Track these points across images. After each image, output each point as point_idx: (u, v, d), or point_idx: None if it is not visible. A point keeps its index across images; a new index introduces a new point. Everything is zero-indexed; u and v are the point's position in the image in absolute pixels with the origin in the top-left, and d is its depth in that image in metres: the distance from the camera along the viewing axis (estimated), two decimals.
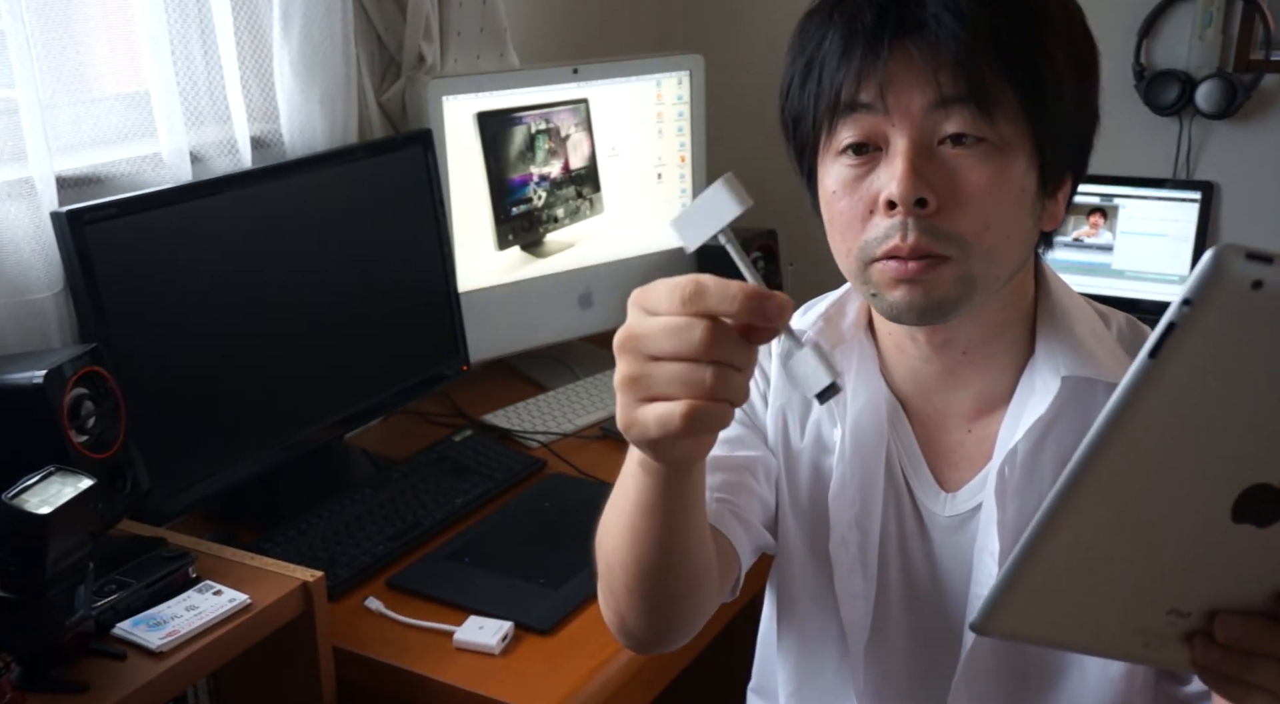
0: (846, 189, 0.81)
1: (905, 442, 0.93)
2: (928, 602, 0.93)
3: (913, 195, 0.77)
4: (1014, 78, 0.78)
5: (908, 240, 0.78)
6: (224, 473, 1.41)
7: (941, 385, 0.90)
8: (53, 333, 1.33)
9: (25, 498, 0.94)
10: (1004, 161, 0.79)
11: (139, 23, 1.41)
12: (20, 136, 1.29)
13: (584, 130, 1.93)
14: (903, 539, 0.93)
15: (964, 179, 0.78)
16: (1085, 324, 0.88)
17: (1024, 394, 0.87)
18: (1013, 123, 0.79)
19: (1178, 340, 0.47)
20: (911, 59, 0.78)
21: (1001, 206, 0.79)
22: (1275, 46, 2.00)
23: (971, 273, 0.80)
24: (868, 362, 0.93)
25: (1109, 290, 2.16)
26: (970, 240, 0.79)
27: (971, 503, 0.90)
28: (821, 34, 0.82)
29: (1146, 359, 0.48)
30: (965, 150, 0.78)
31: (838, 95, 0.80)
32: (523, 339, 1.94)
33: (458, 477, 1.58)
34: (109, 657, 1.03)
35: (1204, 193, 2.08)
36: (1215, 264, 0.46)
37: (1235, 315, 0.47)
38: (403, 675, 1.22)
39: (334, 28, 1.61)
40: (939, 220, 0.78)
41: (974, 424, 0.90)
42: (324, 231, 1.54)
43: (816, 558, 0.97)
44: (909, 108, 0.78)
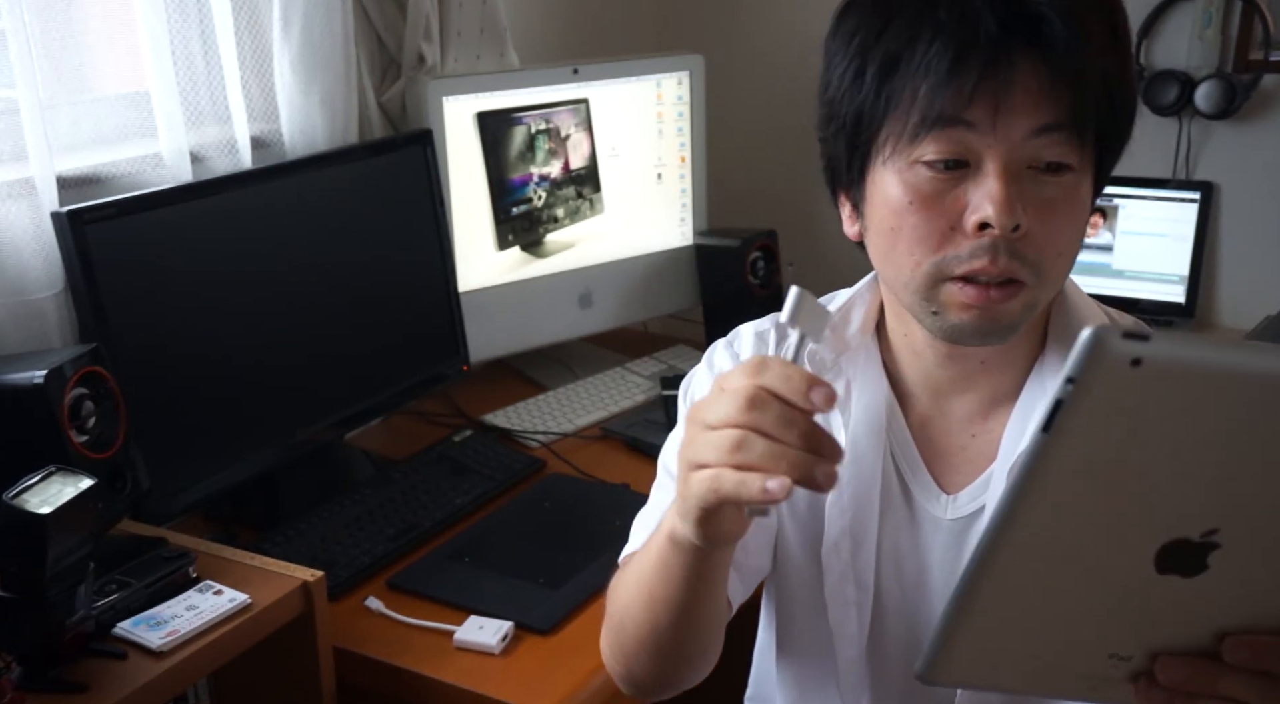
0: (926, 202, 0.77)
1: (904, 444, 0.92)
2: (927, 609, 0.92)
3: (1013, 221, 0.75)
4: (1109, 106, 0.76)
5: (998, 265, 0.76)
6: (224, 473, 1.41)
7: (952, 389, 0.89)
8: (53, 333, 1.33)
9: (25, 498, 0.94)
10: (1079, 188, 0.78)
11: (139, 23, 1.41)
12: (20, 136, 1.29)
13: (584, 130, 1.93)
14: (900, 544, 0.92)
15: (1053, 204, 0.77)
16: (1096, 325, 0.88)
17: (1032, 396, 0.86)
18: (1091, 149, 0.78)
19: (1066, 416, 0.49)
20: (1033, 78, 0.73)
21: (1074, 231, 0.79)
22: (1275, 47, 2.00)
23: (1038, 298, 0.80)
24: (872, 367, 0.92)
25: (1109, 290, 2.16)
26: (1045, 266, 0.78)
27: (973, 506, 0.88)
28: (916, 30, 0.75)
29: (1040, 433, 0.50)
30: (1056, 177, 0.76)
31: (939, 108, 0.74)
32: (523, 339, 1.94)
33: (458, 477, 1.59)
34: (109, 657, 1.03)
35: (1203, 193, 2.08)
36: (1093, 344, 0.48)
37: (1119, 391, 0.49)
38: (403, 675, 1.22)
39: (334, 28, 1.61)
40: (1024, 245, 0.76)
41: (979, 427, 0.89)
42: (324, 231, 1.54)
43: (812, 567, 0.96)
44: (1012, 131, 0.74)
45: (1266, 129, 2.05)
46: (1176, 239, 2.11)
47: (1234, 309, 2.13)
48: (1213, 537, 0.55)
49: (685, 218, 2.09)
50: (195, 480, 1.37)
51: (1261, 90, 2.02)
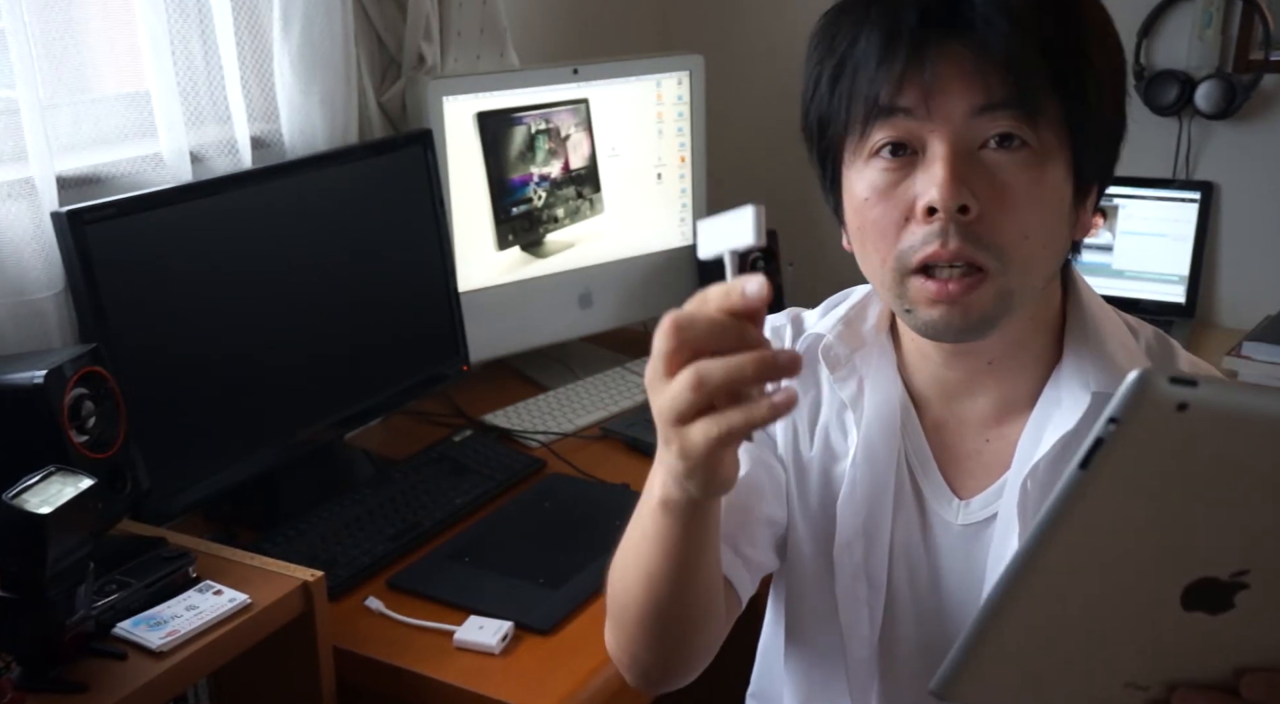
0: (881, 195, 0.79)
1: (918, 447, 0.91)
2: (939, 612, 0.91)
3: (955, 201, 0.75)
4: (1058, 83, 0.75)
5: (948, 247, 0.75)
6: (224, 473, 1.41)
7: (963, 392, 0.88)
8: (53, 333, 1.33)
9: (25, 498, 0.94)
10: (1044, 169, 0.77)
11: (139, 23, 1.41)
12: (20, 136, 1.29)
13: (584, 130, 1.93)
14: (912, 546, 0.91)
15: (1006, 185, 0.76)
16: (1116, 338, 0.85)
17: (1048, 405, 0.85)
18: (1053, 130, 0.77)
19: (1106, 454, 0.49)
20: (959, 61, 0.75)
21: (1041, 214, 0.77)
22: (1275, 46, 2.00)
23: (1009, 286, 0.78)
24: (886, 365, 0.91)
25: (1109, 290, 2.16)
26: (1009, 250, 0.76)
27: (986, 512, 0.87)
28: (856, 32, 0.78)
29: (1077, 469, 0.50)
30: (1008, 155, 0.76)
31: (875, 99, 0.77)
32: (523, 339, 1.94)
33: (458, 477, 1.59)
34: (109, 657, 1.03)
35: (1204, 193, 2.08)
36: (1140, 387, 0.48)
37: (1161, 435, 0.49)
38: (403, 675, 1.22)
39: (334, 28, 1.61)
40: (980, 228, 0.76)
41: (993, 432, 0.88)
42: (324, 232, 1.54)
43: (824, 565, 0.95)
44: (951, 112, 0.75)
45: (1267, 129, 2.05)
46: (1176, 239, 2.11)
47: (1234, 309, 2.13)
48: (1242, 577, 0.55)
49: (685, 218, 2.09)
50: (195, 480, 1.37)
51: (1262, 90, 2.02)
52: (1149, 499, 0.52)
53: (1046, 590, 0.56)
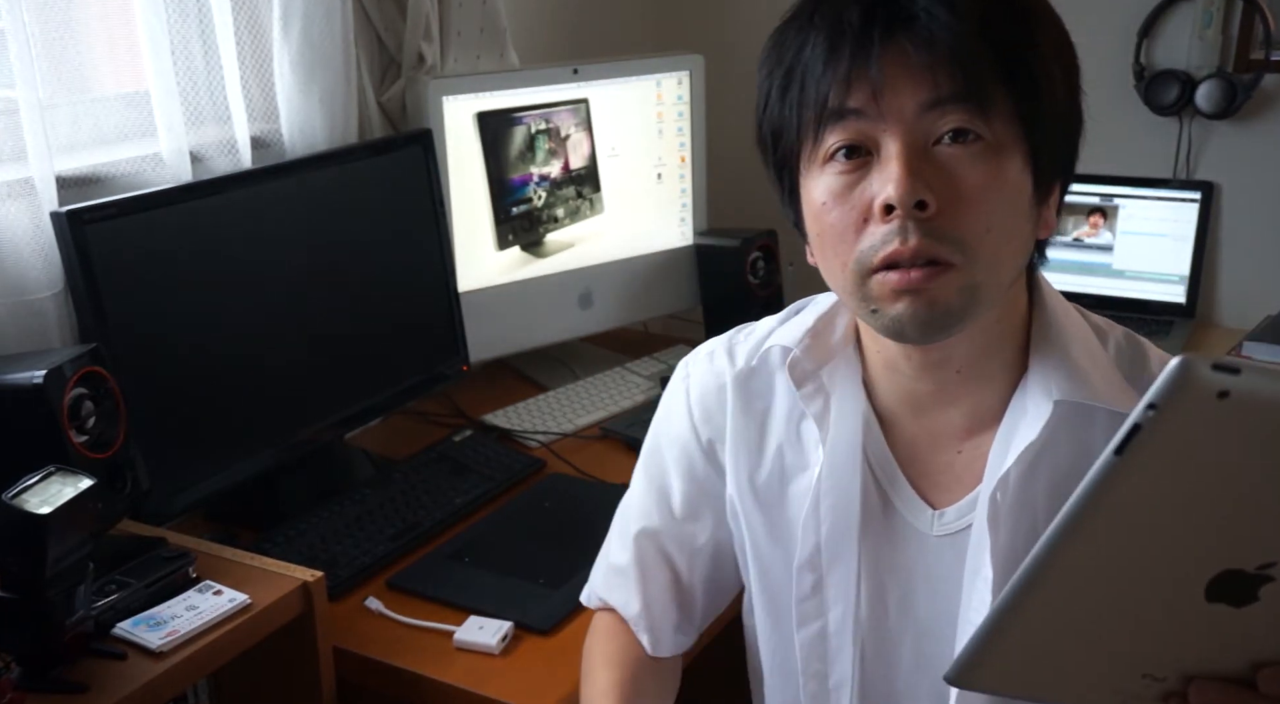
0: (837, 199, 0.78)
1: (883, 460, 0.89)
2: (913, 625, 0.90)
3: (912, 196, 0.73)
4: (1008, 76, 0.75)
5: (909, 244, 0.74)
6: (224, 473, 1.41)
7: (932, 404, 0.87)
8: (53, 333, 1.33)
9: (25, 498, 0.94)
10: (1000, 162, 0.76)
11: (139, 23, 1.41)
12: (20, 136, 1.29)
13: (584, 130, 1.93)
14: (880, 561, 0.90)
15: (962, 179, 0.75)
16: (1081, 343, 0.84)
17: (1015, 416, 0.84)
18: (1007, 123, 0.76)
19: (1142, 441, 0.48)
20: (905, 57, 0.74)
21: (1001, 208, 0.76)
22: (1275, 46, 2.00)
23: (975, 280, 0.76)
24: (852, 379, 0.90)
25: (1109, 290, 2.16)
26: (972, 244, 0.75)
27: (961, 523, 0.86)
28: (802, 39, 0.78)
29: (1112, 455, 0.49)
30: (963, 149, 0.75)
31: (824, 102, 0.76)
32: (523, 339, 1.94)
33: (458, 477, 1.58)
34: (109, 657, 1.03)
35: (1204, 193, 2.08)
36: (1182, 373, 0.47)
37: (1200, 422, 0.48)
38: (403, 675, 1.22)
39: (334, 28, 1.61)
40: (940, 223, 0.74)
41: (964, 444, 0.87)
42: (324, 232, 1.54)
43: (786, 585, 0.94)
44: (902, 110, 0.75)
45: (1267, 129, 2.05)
46: (1177, 239, 2.11)
47: (1234, 309, 2.13)
48: (1268, 570, 0.54)
49: (685, 218, 2.09)
50: (195, 480, 1.37)
51: (1262, 90, 2.02)
52: (1181, 488, 0.51)
53: (1070, 579, 0.55)
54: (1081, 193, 2.16)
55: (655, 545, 1.03)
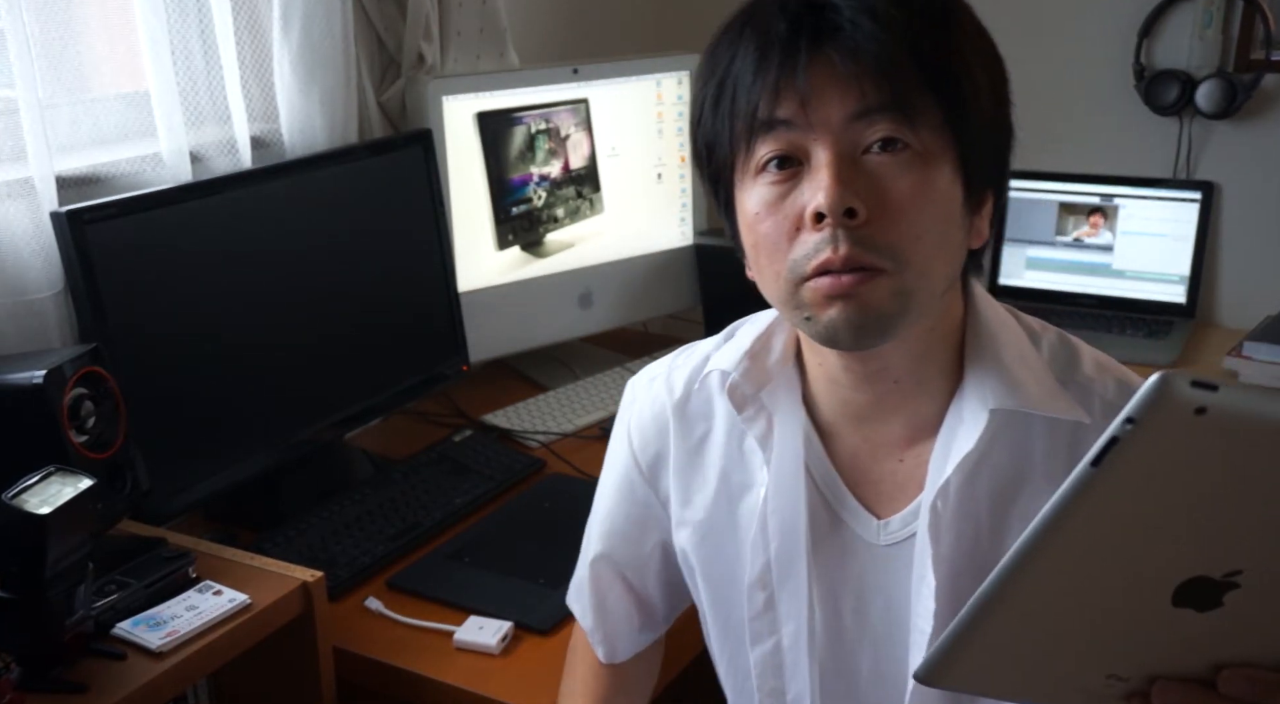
0: (770, 208, 0.78)
1: (826, 474, 0.90)
2: (873, 632, 0.90)
3: (841, 204, 0.74)
4: (934, 86, 0.75)
5: (839, 251, 0.75)
6: (224, 473, 1.41)
7: (872, 415, 0.87)
8: (53, 333, 1.33)
9: (25, 498, 0.94)
10: (929, 170, 0.76)
11: (139, 23, 1.41)
12: (20, 136, 1.29)
13: (584, 130, 1.93)
14: (833, 574, 0.90)
15: (892, 187, 0.75)
16: (1014, 349, 0.85)
17: (952, 424, 0.84)
18: (935, 132, 0.76)
19: (1119, 453, 0.50)
20: (832, 68, 0.75)
21: (931, 216, 0.77)
22: (1275, 46, 2.00)
23: (907, 286, 0.77)
24: (792, 397, 0.90)
25: (1109, 290, 2.16)
26: (903, 251, 0.76)
27: (906, 532, 0.87)
28: (733, 52, 0.79)
29: (1088, 467, 0.51)
30: (891, 157, 0.76)
31: (754, 112, 0.77)
32: (523, 339, 1.94)
33: (458, 477, 1.58)
34: (109, 657, 1.03)
35: (1204, 193, 2.08)
36: (1161, 389, 0.48)
37: (1176, 437, 0.49)
38: (403, 675, 1.22)
39: (334, 28, 1.61)
40: (870, 231, 0.75)
41: (905, 453, 0.88)
42: (324, 231, 1.54)
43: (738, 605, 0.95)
44: (830, 119, 0.75)
45: (1267, 129, 2.05)
46: (1177, 239, 2.11)
47: (1234, 309, 2.13)
48: (1234, 577, 0.56)
49: (685, 218, 2.09)
50: (195, 480, 1.37)
51: (1262, 90, 2.02)
52: (1155, 498, 0.52)
53: (1041, 584, 0.56)
54: (1081, 193, 2.16)
55: (608, 565, 1.06)
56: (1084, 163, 2.17)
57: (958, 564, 0.83)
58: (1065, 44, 2.15)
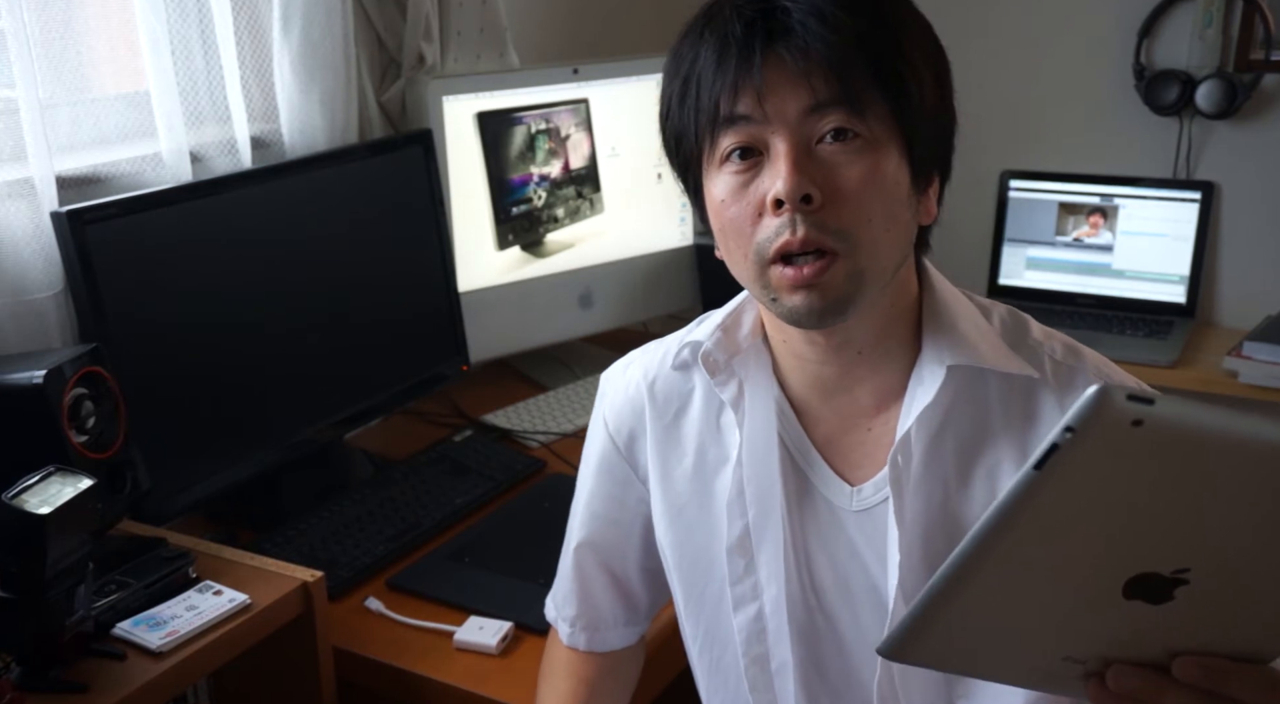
0: (734, 195, 0.84)
1: (799, 441, 0.94)
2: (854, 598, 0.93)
3: (798, 191, 0.81)
4: (880, 80, 0.81)
5: (797, 234, 0.81)
6: (224, 473, 1.41)
7: (839, 387, 0.92)
8: (53, 333, 1.33)
9: (25, 498, 0.94)
10: (877, 157, 0.82)
11: (139, 23, 1.41)
12: (20, 136, 1.29)
13: (584, 130, 1.93)
14: (809, 540, 0.94)
15: (843, 174, 0.82)
16: (967, 318, 0.91)
17: (914, 387, 0.90)
18: (882, 122, 0.82)
19: (1059, 459, 0.52)
20: (784, 66, 0.81)
21: (880, 199, 0.83)
22: (1275, 46, 2.00)
23: (860, 266, 0.83)
24: (763, 369, 0.96)
25: (1109, 290, 2.16)
26: (854, 233, 0.82)
27: (878, 497, 0.91)
28: (695, 52, 0.85)
29: (1031, 469, 0.53)
30: (842, 147, 0.82)
31: (716, 108, 0.83)
32: (523, 339, 1.94)
33: (458, 477, 1.59)
34: (109, 657, 1.03)
35: (1204, 193, 2.08)
36: (1098, 401, 0.50)
37: (1114, 446, 0.51)
38: (403, 675, 1.22)
39: (334, 28, 1.61)
40: (824, 215, 0.81)
41: (873, 421, 0.92)
42: (324, 232, 1.54)
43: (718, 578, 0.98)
44: (785, 113, 0.82)
45: (1267, 129, 2.05)
46: (1177, 239, 2.11)
47: (1234, 309, 2.13)
48: (1183, 575, 0.58)
49: (685, 218, 2.09)
50: (195, 480, 1.37)
51: (1262, 90, 2.02)
52: (1099, 501, 0.54)
53: (995, 571, 0.58)
54: (1081, 193, 2.16)
55: (590, 553, 1.09)
56: (1084, 163, 2.17)
57: (929, 526, 0.88)
58: (1065, 44, 2.15)
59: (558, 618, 1.12)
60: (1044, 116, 2.21)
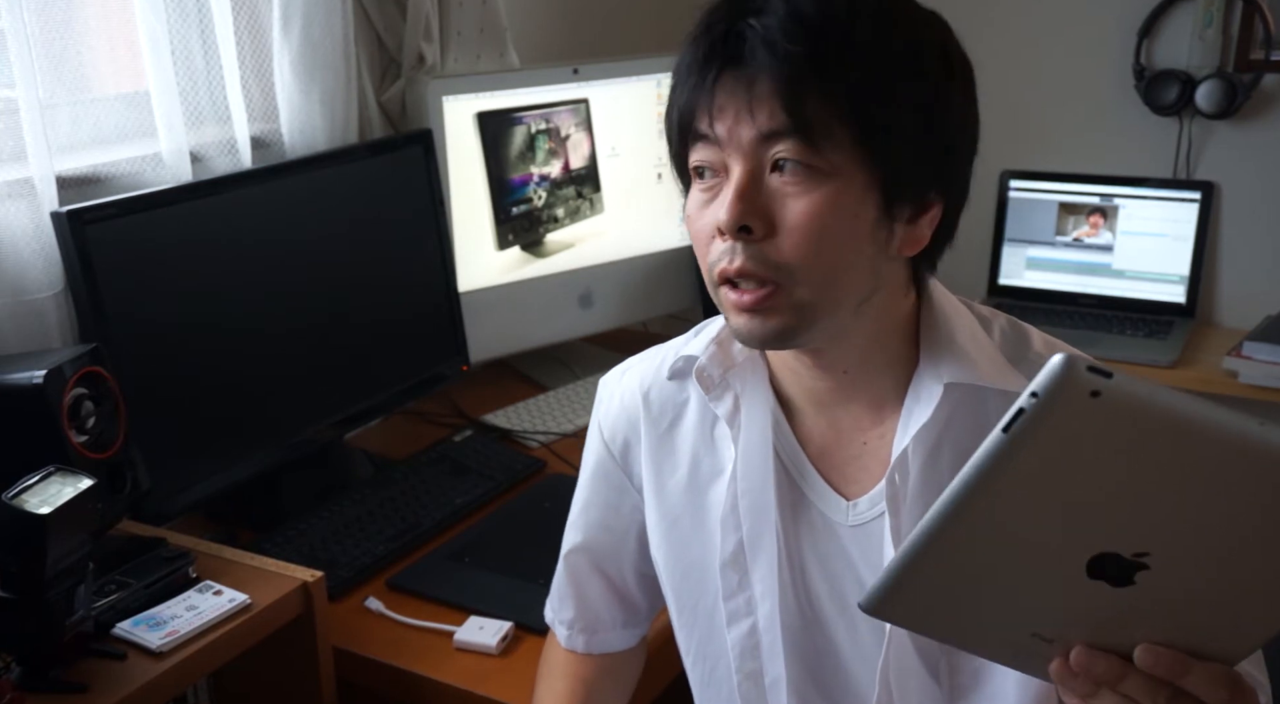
0: (698, 212, 0.84)
1: (793, 454, 0.93)
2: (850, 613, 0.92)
3: (736, 223, 0.80)
4: (843, 107, 0.78)
5: (734, 264, 0.81)
6: (224, 473, 1.41)
7: (833, 400, 0.91)
8: (53, 333, 1.33)
9: (25, 498, 0.94)
10: (831, 189, 0.79)
11: (139, 23, 1.41)
12: (20, 136, 1.29)
13: (584, 130, 1.93)
14: (804, 553, 0.92)
15: (789, 207, 0.80)
16: (966, 331, 0.88)
17: (911, 403, 0.88)
18: (842, 151, 0.79)
19: (1025, 424, 0.54)
20: (737, 94, 0.80)
21: (831, 235, 0.80)
22: (1275, 46, 2.00)
23: (806, 300, 0.81)
24: (759, 381, 0.94)
25: (1109, 290, 2.16)
26: (796, 267, 0.80)
27: (874, 512, 0.89)
28: (680, 64, 0.85)
29: (999, 433, 0.55)
30: (791, 178, 0.79)
31: (685, 123, 0.84)
32: (523, 339, 1.94)
33: (458, 477, 1.59)
34: (109, 657, 1.03)
35: (1204, 193, 2.08)
36: (1061, 369, 0.53)
37: (1075, 416, 0.54)
38: (403, 675, 1.22)
39: (334, 28, 1.61)
40: (765, 247, 0.80)
41: (869, 434, 0.90)
42: (324, 232, 1.54)
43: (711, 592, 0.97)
44: (740, 140, 0.80)
45: (1267, 129, 2.05)
46: (1177, 239, 2.11)
47: (1234, 309, 2.13)
48: (1143, 558, 0.59)
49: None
50: (195, 480, 1.37)
51: (1262, 90, 2.02)
52: (1062, 471, 0.56)
53: (963, 537, 0.60)
54: (1081, 193, 2.16)
55: (585, 557, 1.09)
56: (1084, 163, 2.17)
57: None
58: (1065, 44, 2.15)
59: (555, 620, 1.12)
60: (1044, 116, 2.21)
